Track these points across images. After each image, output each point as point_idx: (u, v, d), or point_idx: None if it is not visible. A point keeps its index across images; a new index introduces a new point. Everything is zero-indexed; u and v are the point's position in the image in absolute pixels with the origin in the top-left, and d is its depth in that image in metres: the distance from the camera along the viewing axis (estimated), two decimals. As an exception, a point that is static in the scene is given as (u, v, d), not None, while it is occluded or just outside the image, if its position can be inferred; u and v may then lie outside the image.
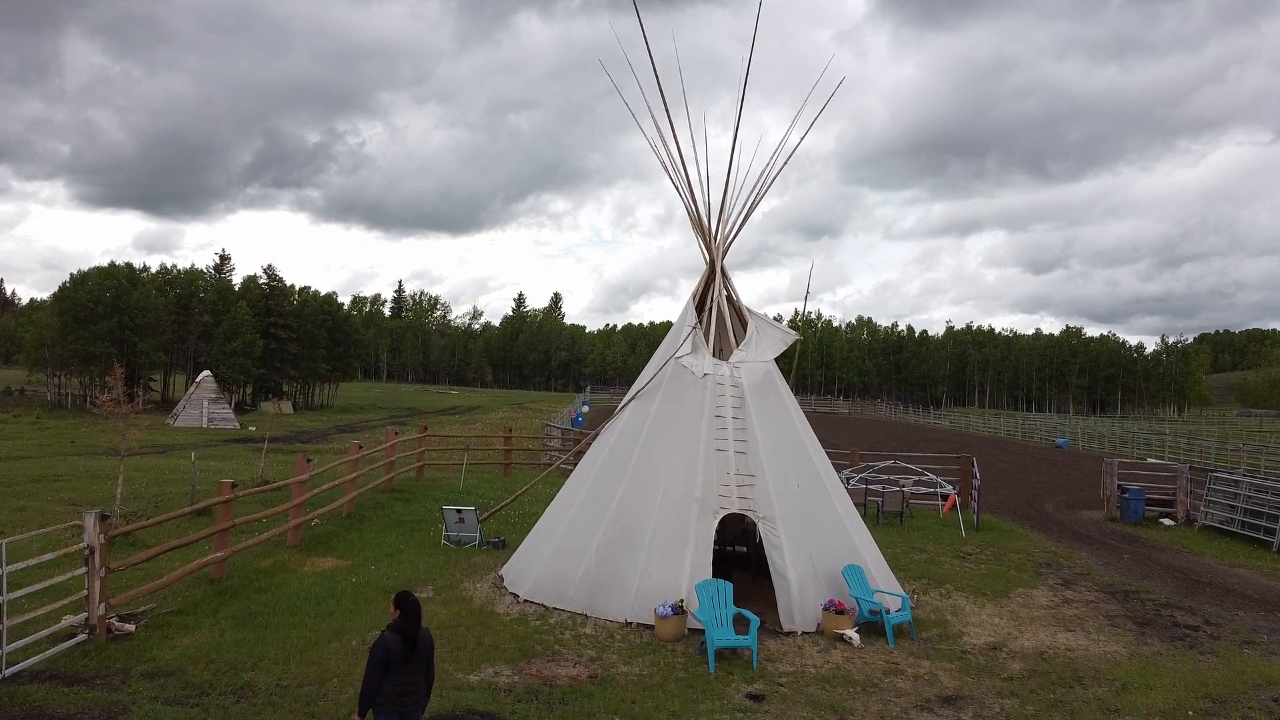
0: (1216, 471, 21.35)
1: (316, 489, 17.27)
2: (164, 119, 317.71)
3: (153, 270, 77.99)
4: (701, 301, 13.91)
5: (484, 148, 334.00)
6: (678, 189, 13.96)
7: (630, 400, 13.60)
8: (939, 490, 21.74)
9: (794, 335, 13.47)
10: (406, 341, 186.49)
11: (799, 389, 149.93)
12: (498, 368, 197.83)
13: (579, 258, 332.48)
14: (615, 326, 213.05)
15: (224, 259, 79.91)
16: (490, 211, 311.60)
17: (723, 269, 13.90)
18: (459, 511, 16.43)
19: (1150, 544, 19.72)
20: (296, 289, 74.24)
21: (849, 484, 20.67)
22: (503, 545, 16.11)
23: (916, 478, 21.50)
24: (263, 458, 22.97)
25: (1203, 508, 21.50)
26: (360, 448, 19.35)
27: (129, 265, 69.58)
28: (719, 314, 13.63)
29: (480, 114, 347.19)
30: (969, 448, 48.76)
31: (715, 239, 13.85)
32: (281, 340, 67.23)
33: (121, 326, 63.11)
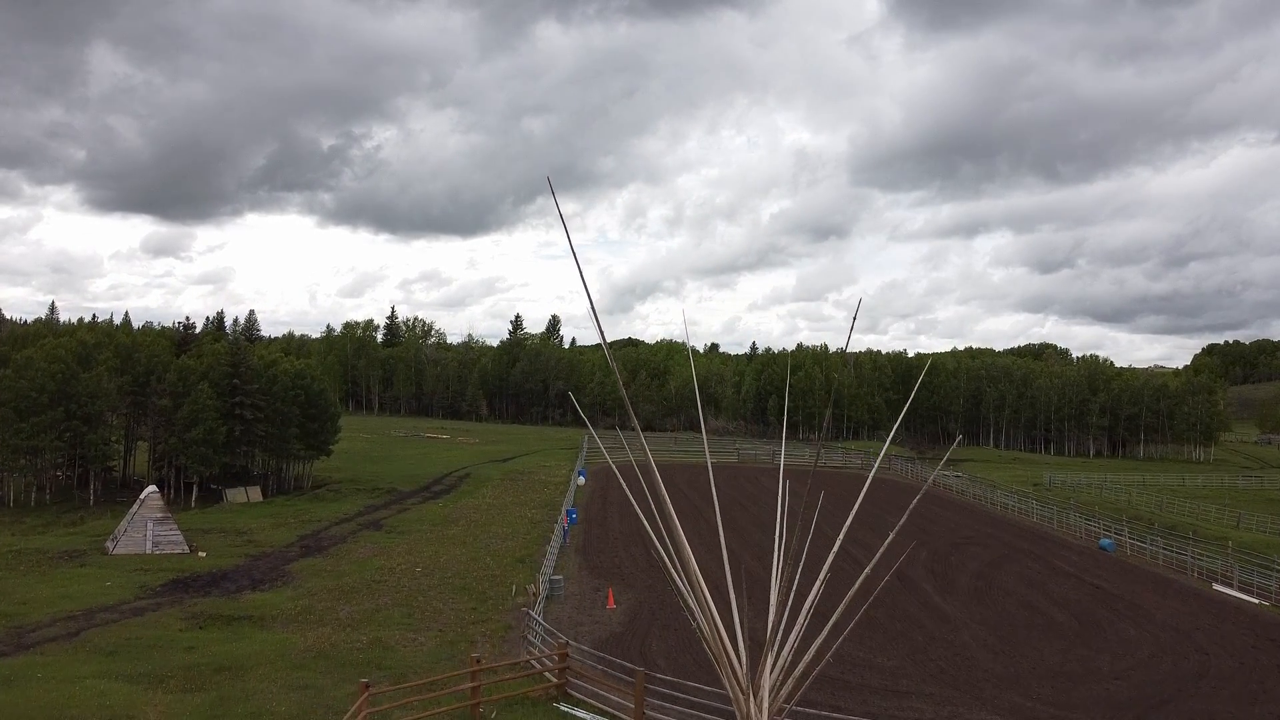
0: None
1: None
2: (182, 125, 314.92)
3: (121, 318, 72.61)
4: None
5: (499, 151, 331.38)
6: (684, 593, 8.61)
7: None
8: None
9: None
10: (399, 373, 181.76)
11: (805, 430, 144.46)
12: (493, 397, 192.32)
13: (585, 259, 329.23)
14: (615, 345, 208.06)
15: (188, 328, 74.80)
16: (498, 214, 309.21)
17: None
18: None
19: None
20: (268, 358, 68.97)
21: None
22: None
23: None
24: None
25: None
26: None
27: (82, 343, 64.25)
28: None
29: (497, 118, 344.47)
30: (1009, 559, 42.11)
31: (758, 690, 8.43)
32: (248, 421, 61.75)
33: (68, 415, 57.66)
